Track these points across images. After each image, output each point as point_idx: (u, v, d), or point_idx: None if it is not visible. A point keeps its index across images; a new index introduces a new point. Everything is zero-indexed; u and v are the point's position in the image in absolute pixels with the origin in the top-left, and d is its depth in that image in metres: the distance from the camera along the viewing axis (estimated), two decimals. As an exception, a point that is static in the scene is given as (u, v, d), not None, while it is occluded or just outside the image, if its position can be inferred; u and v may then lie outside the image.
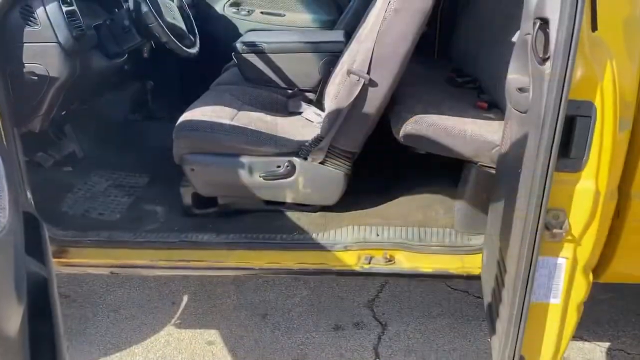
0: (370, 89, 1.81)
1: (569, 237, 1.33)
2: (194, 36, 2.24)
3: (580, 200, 1.30)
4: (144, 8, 1.83)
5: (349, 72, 1.80)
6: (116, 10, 2.00)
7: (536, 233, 1.25)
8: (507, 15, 2.30)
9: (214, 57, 3.22)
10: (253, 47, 2.39)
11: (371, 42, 1.76)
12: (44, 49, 1.83)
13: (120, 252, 1.91)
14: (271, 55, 2.39)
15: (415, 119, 1.89)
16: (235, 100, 2.24)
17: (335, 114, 1.86)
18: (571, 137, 1.23)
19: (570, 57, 1.12)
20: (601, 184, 1.30)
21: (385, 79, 1.80)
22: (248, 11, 3.34)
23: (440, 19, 2.88)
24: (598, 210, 1.31)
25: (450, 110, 2.03)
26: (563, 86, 1.13)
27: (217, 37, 3.32)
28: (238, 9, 3.34)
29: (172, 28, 2.01)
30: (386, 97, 1.84)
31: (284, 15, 3.34)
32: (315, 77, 2.41)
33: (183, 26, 2.12)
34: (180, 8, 2.22)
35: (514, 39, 2.16)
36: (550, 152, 1.18)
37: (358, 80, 1.80)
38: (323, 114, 2.22)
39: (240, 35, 3.32)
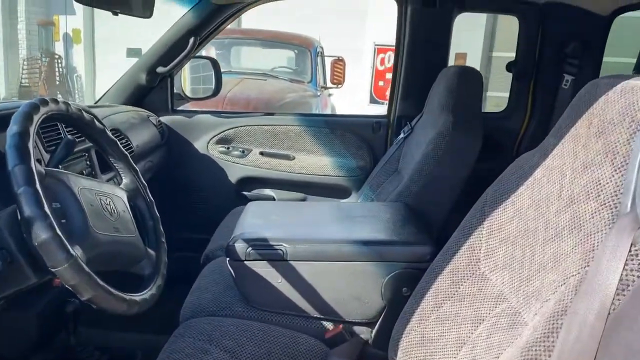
0: None
1: None
2: (159, 251, 1.14)
3: None
4: (42, 233, 0.75)
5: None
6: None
7: None
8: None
9: (189, 228, 2.19)
10: (266, 250, 1.33)
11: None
12: None
13: None
14: (297, 265, 1.33)
15: None
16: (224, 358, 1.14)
17: None
18: None
19: None
20: None
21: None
22: (242, 151, 2.34)
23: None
24: None
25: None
26: None
27: (195, 189, 2.30)
28: (228, 148, 2.34)
29: (107, 258, 0.93)
30: None
31: (293, 158, 2.35)
32: (376, 304, 1.34)
33: (136, 237, 1.04)
34: (135, 191, 1.15)
35: None
36: None
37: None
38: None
39: (230, 186, 2.32)
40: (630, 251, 0.72)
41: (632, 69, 2.17)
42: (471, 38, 7.01)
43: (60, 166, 1.13)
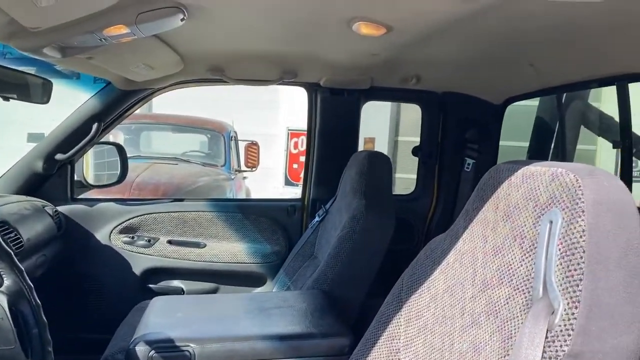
0: None
1: None
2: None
3: None
4: None
5: None
6: None
7: None
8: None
9: (87, 328, 2.00)
10: (171, 352, 1.20)
11: None
12: None
13: None
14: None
15: None
16: None
17: None
18: None
19: None
20: None
21: None
22: (149, 240, 2.21)
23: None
24: None
25: None
26: None
27: (94, 283, 2.12)
28: (132, 238, 2.20)
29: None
30: None
31: (204, 245, 2.25)
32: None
33: (15, 349, 0.89)
34: (17, 294, 1.00)
35: None
36: None
37: None
38: None
39: (134, 279, 2.17)
40: (547, 337, 0.71)
41: (526, 152, 2.34)
42: (378, 123, 7.39)
43: None
